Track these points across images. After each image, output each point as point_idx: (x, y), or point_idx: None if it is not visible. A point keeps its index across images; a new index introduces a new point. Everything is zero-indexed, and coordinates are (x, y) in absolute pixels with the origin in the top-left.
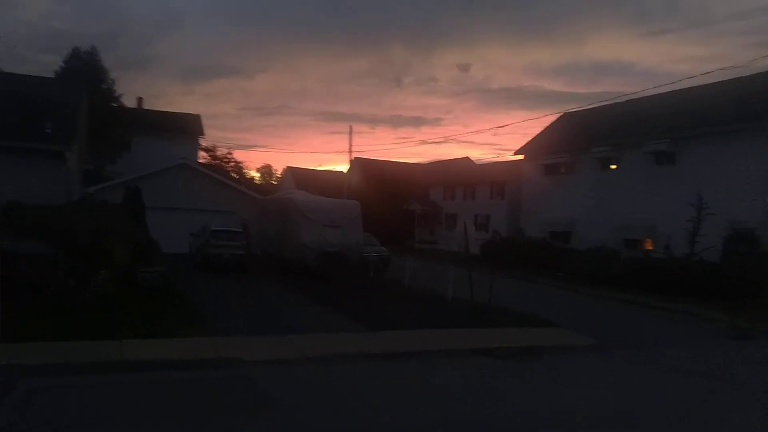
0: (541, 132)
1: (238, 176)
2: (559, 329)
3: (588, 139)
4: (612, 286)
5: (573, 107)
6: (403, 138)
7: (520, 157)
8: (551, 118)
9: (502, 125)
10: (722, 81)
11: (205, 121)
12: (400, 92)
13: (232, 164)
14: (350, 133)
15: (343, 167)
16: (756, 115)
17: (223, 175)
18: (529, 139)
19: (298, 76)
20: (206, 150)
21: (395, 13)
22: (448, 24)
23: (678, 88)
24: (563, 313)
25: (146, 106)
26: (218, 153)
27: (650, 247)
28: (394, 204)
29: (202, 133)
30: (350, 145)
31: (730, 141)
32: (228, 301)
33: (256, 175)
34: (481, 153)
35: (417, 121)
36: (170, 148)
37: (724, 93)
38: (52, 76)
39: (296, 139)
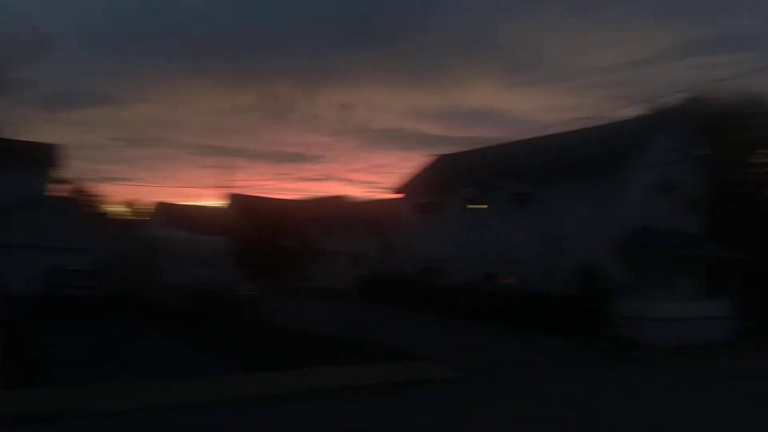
0: (417, 172)
1: (99, 211)
2: (428, 363)
3: (459, 181)
4: (477, 319)
5: (449, 150)
6: (284, 174)
7: (397, 195)
8: (428, 159)
9: (379, 164)
10: (578, 129)
11: (70, 151)
12: (282, 128)
13: (93, 198)
14: (227, 168)
15: (220, 203)
16: (603, 161)
17: (81, 209)
18: (406, 178)
19: (176, 108)
20: (64, 182)
21: (281, 50)
22: (334, 64)
23: (541, 135)
24: (432, 347)
25: (3, 133)
26: (78, 186)
27: (510, 281)
28: (272, 241)
29: (56, 164)
30: (227, 181)
31: (581, 184)
32: (83, 347)
33: (124, 209)
34: (359, 191)
35: (298, 158)
36: (17, 180)
37: (579, 140)
38: None
39: (171, 172)
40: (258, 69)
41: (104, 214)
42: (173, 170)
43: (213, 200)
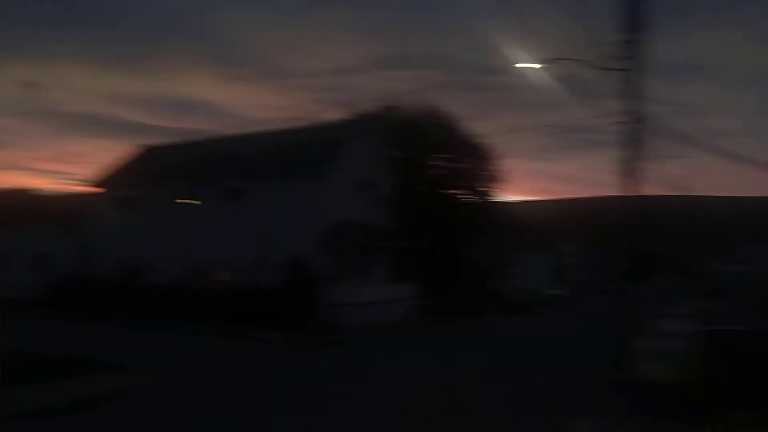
0: (121, 164)
1: None
2: (124, 374)
3: (168, 175)
4: (189, 319)
5: (157, 139)
6: None
7: (97, 189)
8: (134, 151)
9: (75, 153)
10: (289, 128)
11: None
12: None
13: None
14: None
15: None
16: (309, 159)
17: None
18: (106, 170)
19: None
20: None
21: None
22: (23, 41)
23: (255, 131)
24: (134, 355)
25: None
26: None
27: (224, 279)
28: None
29: None
30: None
31: (290, 182)
32: None
33: None
34: (51, 182)
35: None
36: None
37: (291, 140)
38: None
39: None
40: None
41: None
42: None
43: None
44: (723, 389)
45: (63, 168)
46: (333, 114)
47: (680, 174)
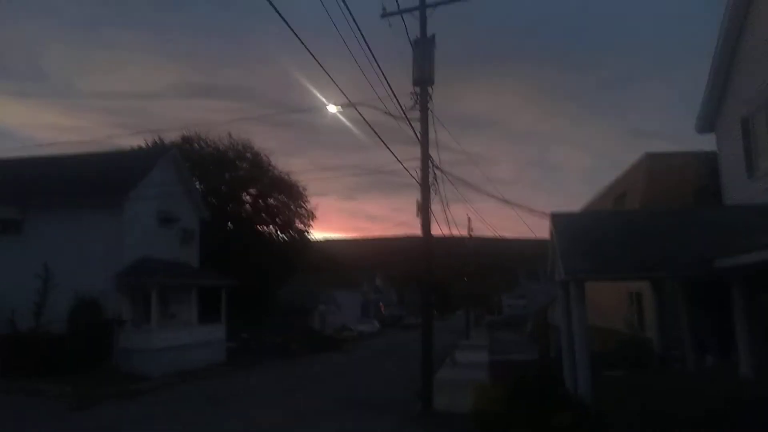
0: None
1: None
2: None
3: None
4: None
5: None
6: None
7: None
8: None
9: None
10: (81, 153)
11: None
12: None
13: None
14: None
15: None
16: (104, 189)
17: None
18: None
19: None
20: None
21: None
22: None
23: (35, 155)
24: None
25: None
26: None
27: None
28: None
29: None
30: None
31: (80, 213)
32: None
33: None
34: None
35: None
36: None
37: (80, 165)
38: None
39: None
40: None
41: None
42: None
43: None
44: (509, 413)
45: None
46: (131, 141)
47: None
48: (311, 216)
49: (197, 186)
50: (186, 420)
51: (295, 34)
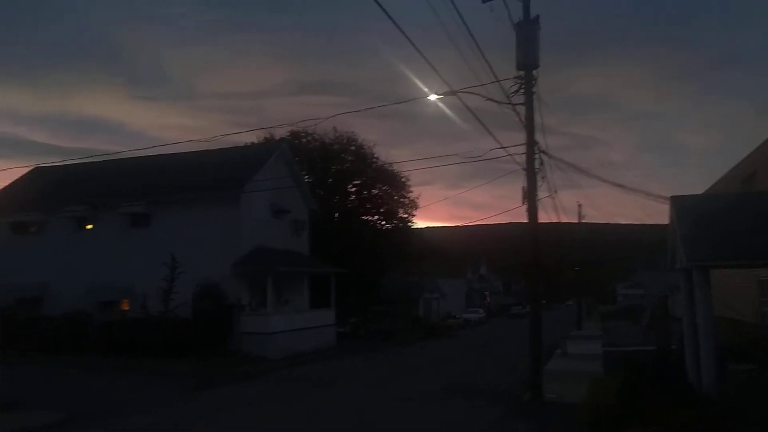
0: (9, 186)
1: None
2: (23, 410)
3: (63, 198)
4: (89, 351)
5: (55, 160)
6: None
7: None
8: (23, 172)
9: None
10: (200, 151)
11: None
12: None
13: None
14: None
15: None
16: (222, 184)
17: None
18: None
19: None
20: None
21: None
22: None
23: (162, 153)
24: (32, 390)
25: None
26: None
27: (127, 308)
28: None
29: None
30: None
31: (201, 206)
32: None
33: None
34: None
35: None
36: None
37: (200, 162)
38: None
39: None
40: None
41: None
42: None
43: None
44: (624, 406)
45: None
46: (245, 138)
47: (577, 202)
48: (414, 205)
49: (305, 179)
50: (301, 400)
51: (395, 23)
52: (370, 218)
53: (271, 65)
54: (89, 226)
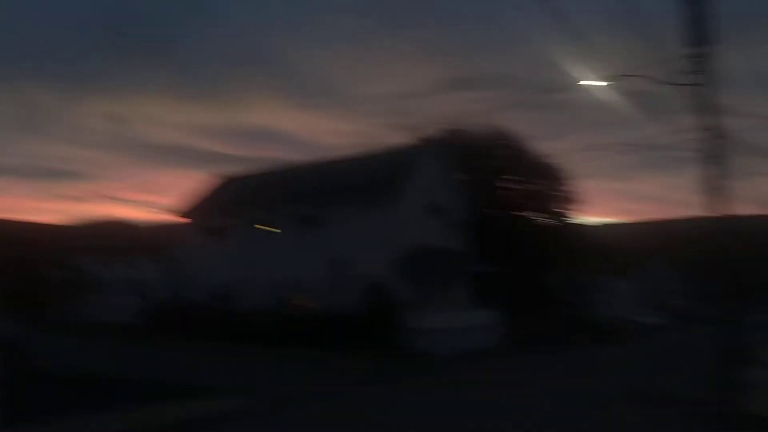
0: (203, 194)
1: None
2: (215, 396)
3: (247, 203)
4: (270, 344)
5: (236, 169)
6: (46, 194)
7: (182, 218)
8: (214, 180)
9: (159, 183)
10: (359, 155)
11: None
12: (43, 141)
13: None
14: None
15: None
16: (380, 185)
17: None
18: (190, 199)
19: None
20: None
21: (35, 53)
22: (101, 72)
23: (327, 158)
24: (221, 378)
25: None
26: None
27: (302, 304)
28: (31, 270)
29: None
30: None
31: (362, 206)
32: None
33: None
34: (139, 212)
35: (64, 175)
36: None
37: (360, 165)
38: None
39: None
40: (7, 74)
41: None
42: None
43: None
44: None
45: (147, 198)
46: (401, 138)
47: None
48: (575, 200)
49: (459, 176)
50: (472, 398)
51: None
52: (529, 214)
53: (421, 66)
54: (270, 229)
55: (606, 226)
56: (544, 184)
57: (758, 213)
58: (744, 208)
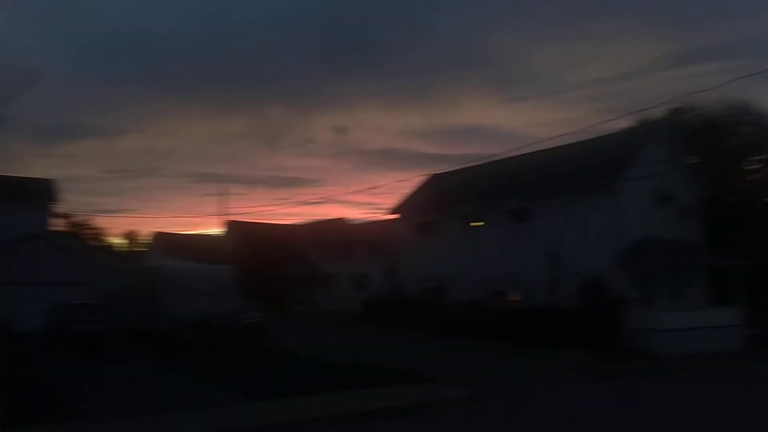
0: (413, 192)
1: (99, 244)
2: (435, 384)
3: (454, 199)
4: (484, 336)
5: (443, 168)
6: (282, 199)
7: (395, 216)
8: (423, 179)
9: (375, 186)
10: (571, 143)
11: (63, 185)
12: (279, 153)
13: (92, 231)
14: (224, 195)
15: (218, 230)
16: (597, 174)
17: (82, 243)
18: (403, 198)
19: (169, 137)
20: (62, 217)
21: (273, 74)
22: (326, 87)
23: (534, 150)
24: (439, 367)
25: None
26: (77, 220)
27: (515, 298)
28: (273, 267)
29: (55, 199)
30: (224, 208)
31: (577, 197)
32: (92, 381)
33: (121, 241)
34: (358, 212)
35: (296, 182)
36: (17, 216)
37: (572, 154)
38: None
39: (167, 202)
40: (250, 95)
41: (104, 247)
42: (170, 199)
43: (211, 228)
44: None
45: (368, 199)
46: (619, 123)
47: None
48: None
49: (691, 160)
50: (713, 402)
51: None
52: None
53: (640, 43)
54: (478, 224)
55: None
56: None
57: None
58: None
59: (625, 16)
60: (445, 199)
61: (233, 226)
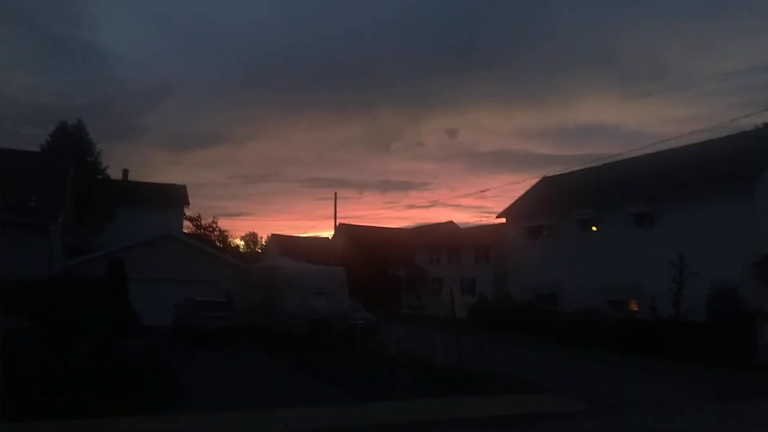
0: (523, 195)
1: (222, 245)
2: (551, 395)
3: (569, 202)
4: (599, 347)
5: (558, 170)
6: (391, 203)
7: (501, 220)
8: (534, 182)
9: (486, 189)
10: (701, 142)
11: (191, 190)
12: (389, 157)
13: (216, 233)
14: (335, 199)
15: (330, 233)
16: (732, 174)
17: (208, 244)
18: (514, 202)
19: (287, 143)
20: (191, 220)
21: (384, 79)
22: (437, 90)
23: (660, 150)
24: (553, 377)
25: (133, 175)
26: (203, 222)
27: (635, 308)
28: (380, 269)
29: (187, 203)
30: (335, 212)
31: (708, 200)
32: (212, 374)
33: (241, 243)
34: (468, 216)
35: (405, 186)
36: (154, 219)
37: (703, 153)
38: (38, 150)
39: (283, 206)
40: (363, 100)
41: (228, 248)
42: (286, 203)
43: (323, 231)
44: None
45: (478, 203)
46: (756, 119)
47: None
48: None
49: None
50: None
51: None
52: None
53: None
54: (594, 228)
55: None
56: None
57: None
58: None
59: (763, 3)
60: (559, 202)
61: (343, 229)
